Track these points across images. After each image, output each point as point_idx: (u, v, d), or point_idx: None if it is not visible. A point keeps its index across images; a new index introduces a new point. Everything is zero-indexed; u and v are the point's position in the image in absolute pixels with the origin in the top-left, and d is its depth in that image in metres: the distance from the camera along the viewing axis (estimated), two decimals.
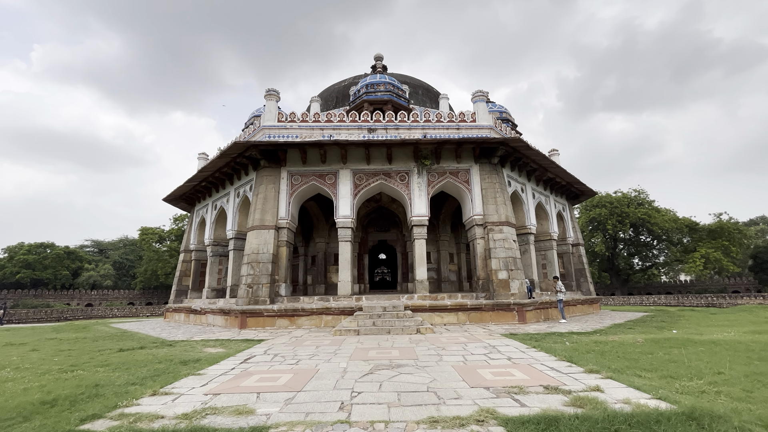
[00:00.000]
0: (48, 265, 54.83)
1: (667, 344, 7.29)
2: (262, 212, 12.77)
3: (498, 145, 12.96)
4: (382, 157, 13.36)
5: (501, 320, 11.65)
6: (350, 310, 11.53)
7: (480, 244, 12.90)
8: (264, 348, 7.85)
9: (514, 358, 6.27)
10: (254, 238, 12.56)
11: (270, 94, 14.21)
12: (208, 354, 7.35)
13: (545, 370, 5.32)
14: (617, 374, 4.95)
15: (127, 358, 7.00)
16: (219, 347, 8.32)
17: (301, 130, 13.75)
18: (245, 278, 12.16)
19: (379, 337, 9.19)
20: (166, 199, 18.69)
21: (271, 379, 5.13)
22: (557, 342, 7.91)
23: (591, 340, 7.96)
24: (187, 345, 8.73)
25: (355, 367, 5.73)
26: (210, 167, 14.53)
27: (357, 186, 13.25)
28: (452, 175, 13.45)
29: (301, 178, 13.36)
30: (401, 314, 10.72)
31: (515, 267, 12.26)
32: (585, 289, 18.22)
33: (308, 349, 7.53)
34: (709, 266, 44.56)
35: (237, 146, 12.74)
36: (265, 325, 11.51)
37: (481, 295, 12.38)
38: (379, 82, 16.42)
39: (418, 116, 14.32)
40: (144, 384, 4.97)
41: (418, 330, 9.70)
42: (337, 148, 12.88)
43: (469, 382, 4.73)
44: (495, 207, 12.90)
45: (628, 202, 48.51)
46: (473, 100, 14.88)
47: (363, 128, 13.88)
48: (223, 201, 16.06)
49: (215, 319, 13.20)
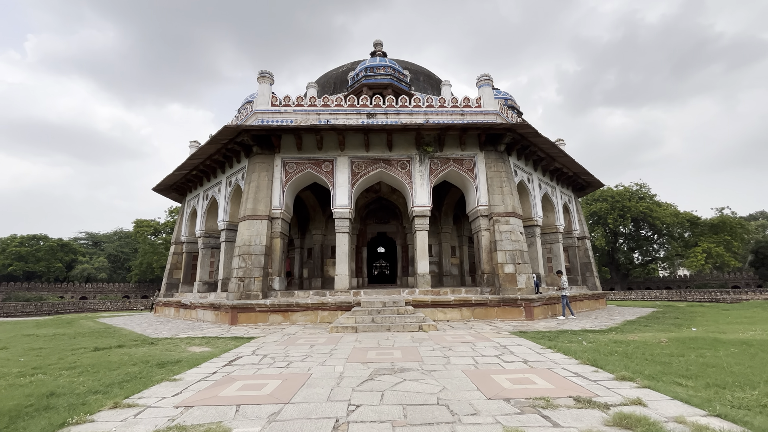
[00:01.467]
0: (41, 258, 53.97)
1: (694, 345, 6.66)
2: (254, 201, 12.02)
3: (505, 132, 12.22)
4: (382, 143, 12.61)
5: (507, 316, 11.01)
6: (348, 306, 10.87)
7: (485, 236, 12.22)
8: (253, 347, 7.17)
9: (531, 360, 5.61)
10: (246, 229, 11.83)
11: (263, 77, 13.39)
12: (190, 354, 6.67)
13: (570, 377, 4.66)
14: (654, 382, 4.29)
15: (100, 359, 6.31)
16: (204, 346, 7.64)
17: (296, 115, 12.96)
18: (236, 271, 11.46)
19: (379, 334, 8.53)
20: (156, 189, 17.89)
21: (256, 386, 4.46)
22: (573, 341, 7.27)
23: (609, 340, 7.32)
24: (170, 343, 8.05)
25: (352, 372, 5.06)
26: (200, 154, 13.74)
27: (355, 174, 12.51)
28: (456, 164, 12.72)
29: (296, 165, 12.59)
30: (402, 310, 10.05)
31: (522, 260, 11.60)
32: (591, 284, 17.64)
33: (301, 349, 6.85)
34: (711, 261, 44.18)
35: (227, 131, 11.94)
36: (257, 321, 10.84)
37: (486, 290, 11.73)
38: (379, 65, 15.55)
39: (420, 101, 13.55)
40: (108, 393, 4.29)
41: (421, 327, 9.05)
42: (334, 133, 12.11)
43: (486, 392, 4.06)
44: (501, 197, 12.19)
45: (629, 196, 47.93)
46: (478, 84, 14.11)
47: (362, 113, 13.11)
48: (214, 190, 15.29)
49: (205, 315, 12.52)
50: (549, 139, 13.08)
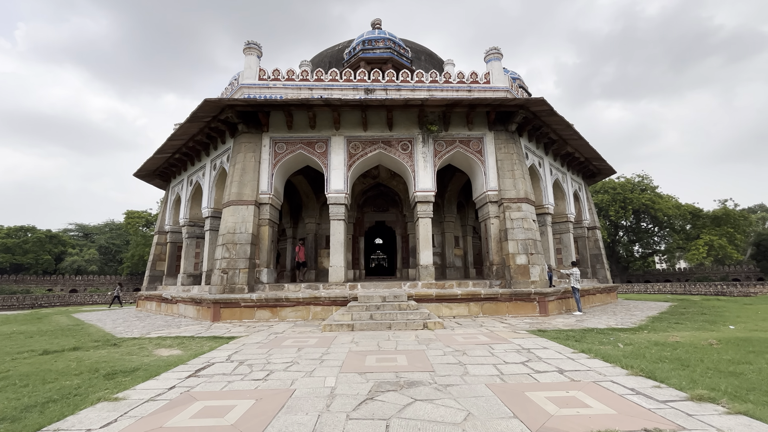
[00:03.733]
0: (29, 250, 52.45)
1: (752, 347, 5.64)
2: (239, 185, 10.84)
3: (517, 110, 11.07)
4: (381, 122, 11.43)
5: (519, 312, 9.98)
6: (343, 300, 9.79)
7: (494, 224, 11.14)
8: (230, 350, 6.07)
9: (567, 370, 4.55)
10: (230, 215, 10.66)
11: (250, 48, 12.11)
12: (153, 360, 5.56)
13: (628, 395, 3.60)
14: (746, 405, 3.23)
15: (41, 367, 5.19)
16: (175, 348, 6.54)
17: (286, 90, 11.74)
18: (219, 262, 10.32)
19: (379, 334, 7.46)
20: (137, 175, 16.61)
21: (219, 411, 3.36)
22: (605, 343, 6.23)
23: (648, 341, 6.29)
24: (136, 345, 6.94)
25: (347, 387, 3.97)
26: (180, 134, 12.48)
27: (352, 156, 11.34)
28: (463, 145, 11.57)
29: (286, 146, 11.39)
30: (404, 305, 8.98)
31: (536, 251, 10.54)
32: (602, 276, 16.67)
33: (287, 353, 5.76)
34: (713, 253, 43.51)
35: (209, 106, 10.69)
36: (242, 318, 9.74)
37: (495, 283, 10.68)
38: (377, 38, 14.24)
39: (423, 76, 12.34)
40: (17, 420, 3.18)
41: (425, 325, 7.99)
42: (328, 110, 10.90)
43: (528, 422, 2.99)
44: (513, 181, 11.09)
45: (631, 187, 47.08)
46: (486, 59, 12.90)
47: (359, 88, 11.90)
48: (198, 175, 14.06)
49: (186, 310, 11.40)
50: (564, 118, 11.94)
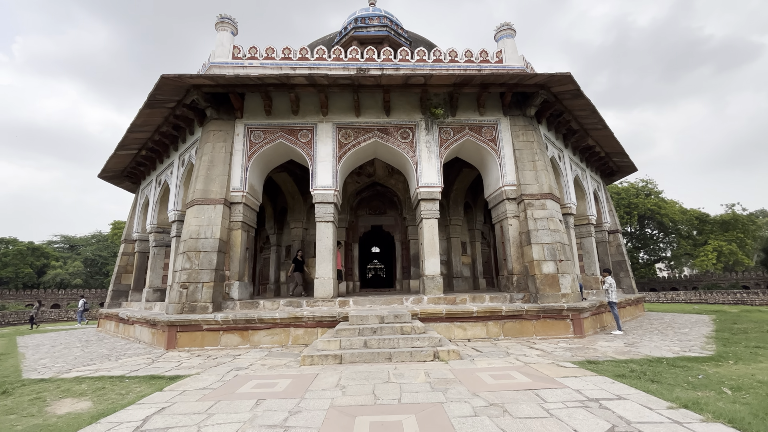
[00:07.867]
0: (8, 263, 49.99)
1: None
2: (205, 181, 8.97)
3: (537, 90, 9.35)
4: (376, 106, 9.67)
5: (549, 332, 8.07)
6: (331, 321, 7.85)
7: (513, 226, 9.30)
8: (153, 407, 4.11)
9: None
10: (194, 217, 8.75)
11: (222, 22, 10.39)
12: (29, 428, 3.62)
13: None
14: None
15: None
16: (87, 398, 4.59)
17: (264, 69, 9.97)
18: (179, 275, 8.36)
19: (375, 370, 5.53)
20: (102, 176, 14.66)
21: None
22: (697, 386, 4.34)
23: (752, 380, 4.42)
24: (36, 391, 4.97)
25: None
26: (141, 124, 10.61)
27: (342, 146, 9.54)
28: (473, 132, 9.81)
29: (263, 134, 9.57)
30: (407, 327, 7.04)
31: (565, 257, 8.69)
32: (626, 286, 14.83)
33: (236, 413, 3.81)
34: (723, 260, 41.90)
35: (168, 86, 8.84)
36: (204, 344, 7.76)
37: (517, 296, 8.80)
38: (372, 15, 12.55)
39: (425, 54, 10.65)
40: None
41: (437, 355, 6.07)
42: (314, 91, 9.13)
43: None
44: (534, 174, 9.30)
45: (635, 192, 45.64)
46: (497, 37, 11.25)
47: (351, 68, 10.17)
48: (167, 174, 12.19)
49: (142, 333, 9.39)
50: (590, 102, 10.23)
